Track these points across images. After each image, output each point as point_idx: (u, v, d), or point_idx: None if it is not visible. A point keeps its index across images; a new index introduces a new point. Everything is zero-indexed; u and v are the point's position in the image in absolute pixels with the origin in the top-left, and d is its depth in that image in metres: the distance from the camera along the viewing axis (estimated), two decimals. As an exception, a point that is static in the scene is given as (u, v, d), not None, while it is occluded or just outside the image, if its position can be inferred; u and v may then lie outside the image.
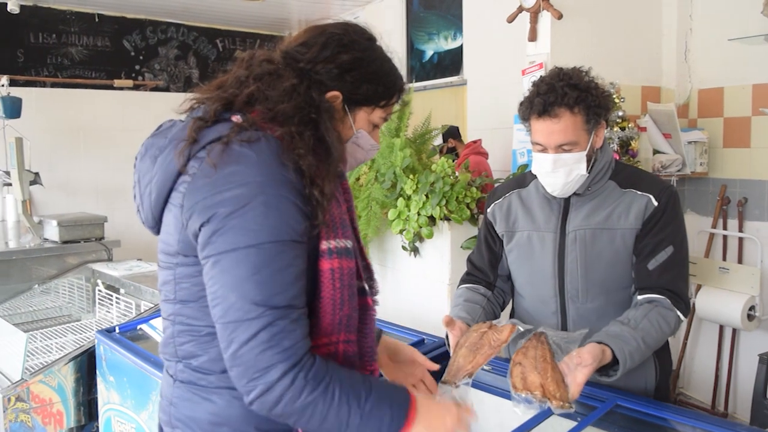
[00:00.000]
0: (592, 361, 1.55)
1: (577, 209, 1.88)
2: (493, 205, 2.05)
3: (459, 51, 5.49)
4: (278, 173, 1.15)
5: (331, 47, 1.26)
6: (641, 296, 1.79)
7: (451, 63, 5.64)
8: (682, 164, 3.60)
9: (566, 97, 1.76)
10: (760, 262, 3.50)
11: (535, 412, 1.50)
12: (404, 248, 3.34)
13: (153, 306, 2.96)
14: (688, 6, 3.84)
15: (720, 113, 3.71)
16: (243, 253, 1.11)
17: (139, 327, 2.57)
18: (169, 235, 1.24)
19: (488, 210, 2.06)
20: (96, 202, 5.77)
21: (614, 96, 3.38)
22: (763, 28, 3.23)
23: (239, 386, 1.14)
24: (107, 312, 3.37)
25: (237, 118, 1.21)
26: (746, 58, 3.51)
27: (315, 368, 1.13)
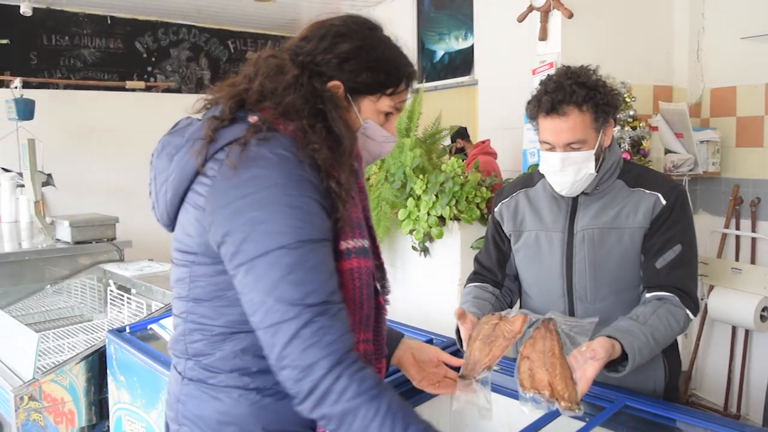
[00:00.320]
0: (605, 355, 1.54)
1: (585, 208, 1.87)
2: (500, 205, 2.04)
3: (470, 51, 5.48)
4: (297, 173, 1.15)
5: (328, 38, 1.27)
6: (649, 294, 1.78)
7: (462, 63, 5.63)
8: (694, 164, 3.57)
9: (575, 95, 1.75)
10: (774, 263, 3.47)
11: (542, 412, 1.49)
12: (414, 248, 3.34)
13: (164, 306, 2.97)
14: (700, 4, 3.81)
15: (732, 112, 3.68)
16: (274, 256, 1.11)
17: (149, 327, 2.58)
18: (186, 234, 1.24)
19: (495, 209, 2.06)
20: (108, 202, 5.79)
21: (625, 95, 3.37)
22: (776, 26, 3.21)
23: (290, 390, 1.13)
24: (119, 312, 3.39)
25: (253, 118, 1.20)
26: (759, 56, 3.48)
27: (362, 372, 1.12)
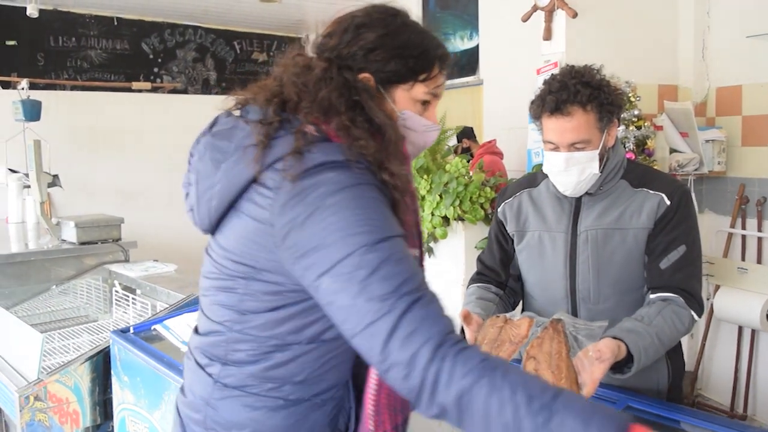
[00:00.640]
0: (611, 356, 1.53)
1: (589, 209, 1.87)
2: (503, 205, 2.04)
3: (475, 51, 5.46)
4: (356, 175, 1.12)
5: (351, 30, 1.23)
6: (654, 295, 1.77)
7: (467, 63, 5.62)
8: (700, 163, 3.55)
9: (579, 94, 1.74)
10: (780, 263, 3.45)
11: None
12: (418, 249, 3.33)
13: (168, 306, 2.98)
14: (705, 3, 3.79)
15: (738, 111, 3.66)
16: (357, 256, 1.06)
17: (153, 327, 2.59)
18: (243, 246, 1.17)
19: (499, 209, 2.05)
20: (115, 203, 5.81)
21: (630, 95, 3.35)
22: (782, 24, 3.19)
23: (403, 392, 1.06)
24: (124, 312, 3.40)
25: (309, 127, 1.16)
26: (765, 55, 3.46)
27: (466, 351, 1.04)
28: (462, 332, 1.78)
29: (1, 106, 5.38)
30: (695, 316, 1.75)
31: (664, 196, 1.80)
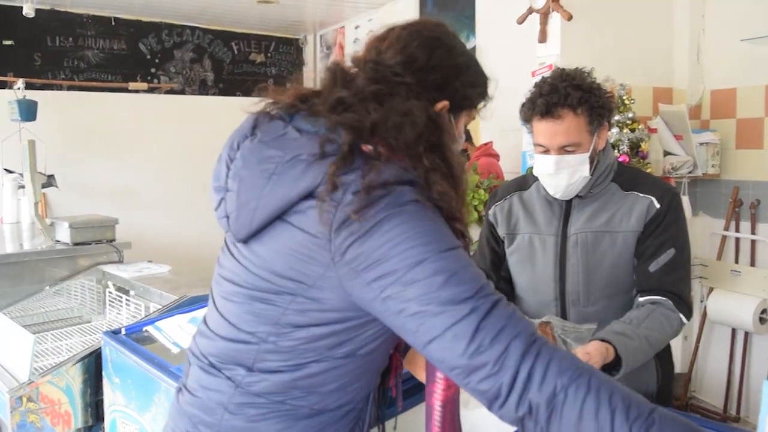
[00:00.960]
0: (599, 359, 1.54)
1: (579, 212, 1.87)
2: (494, 207, 2.04)
3: (472, 52, 5.47)
4: (418, 193, 1.10)
5: (436, 54, 1.19)
6: (643, 298, 1.78)
7: (463, 65, 5.62)
8: (694, 166, 3.56)
9: (569, 97, 1.75)
10: (773, 265, 3.46)
11: None
12: (412, 250, 3.33)
13: (161, 307, 2.97)
14: (700, 6, 3.80)
15: (733, 114, 3.67)
16: (430, 263, 1.04)
17: (144, 329, 2.58)
18: (290, 259, 1.13)
19: (489, 212, 2.06)
20: (111, 203, 5.80)
21: (624, 97, 3.36)
22: (776, 27, 3.20)
23: (489, 394, 1.01)
24: (117, 314, 3.39)
25: (368, 147, 1.12)
26: (759, 58, 3.47)
27: (558, 351, 1.02)
28: None
29: (-3, 107, 5.38)
30: (684, 319, 1.76)
31: (653, 199, 1.81)
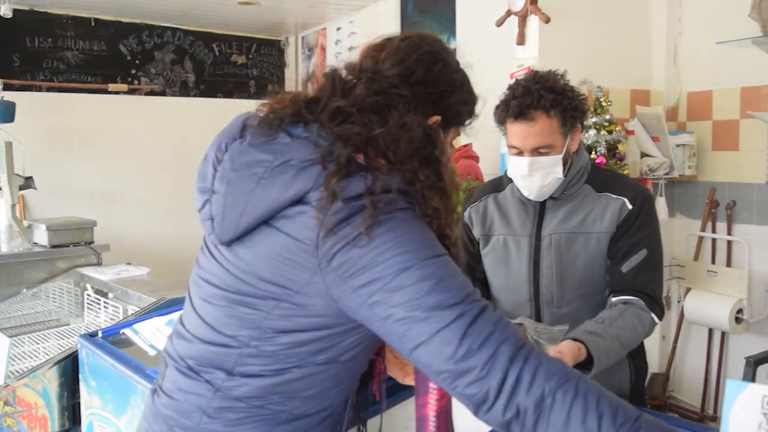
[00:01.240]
0: (571, 358, 1.55)
1: (553, 213, 1.88)
2: (469, 209, 2.05)
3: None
4: (407, 202, 1.11)
5: (434, 69, 1.20)
6: (615, 298, 1.79)
7: (444, 66, 5.64)
8: (670, 167, 3.59)
9: (542, 99, 1.76)
10: (748, 265, 3.49)
11: None
12: (392, 252, 3.33)
13: (139, 310, 2.96)
14: (677, 9, 3.84)
15: (709, 116, 3.71)
16: (418, 269, 1.04)
17: (122, 331, 2.57)
18: (276, 264, 1.12)
19: (465, 213, 2.07)
20: (90, 205, 5.76)
21: (602, 99, 3.38)
22: (751, 31, 3.23)
23: (477, 399, 1.01)
24: (96, 316, 3.37)
25: (360, 156, 1.13)
26: (735, 61, 3.50)
27: (546, 356, 1.02)
28: None
29: (-25, 108, 5.32)
30: (656, 319, 1.77)
31: (626, 200, 1.83)
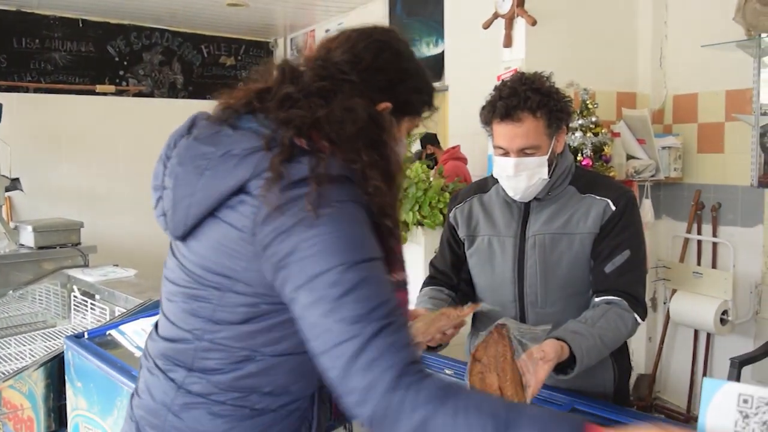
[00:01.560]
0: (554, 356, 1.56)
1: (537, 214, 1.90)
2: (454, 210, 2.06)
3: (441, 57, 5.51)
4: (351, 195, 1.11)
5: (382, 56, 1.21)
6: (598, 298, 1.80)
7: (433, 69, 5.65)
8: (656, 170, 3.61)
9: (529, 101, 1.77)
10: (733, 267, 3.52)
11: None
12: (379, 253, 3.35)
13: (125, 311, 2.95)
14: (663, 12, 3.87)
15: (694, 119, 3.74)
16: (335, 273, 1.05)
17: (108, 333, 2.56)
18: (219, 254, 1.14)
19: (450, 214, 2.07)
20: (77, 207, 5.74)
21: (588, 101, 3.41)
22: (736, 34, 3.26)
23: (353, 412, 1.06)
24: (83, 318, 3.35)
25: (301, 141, 1.13)
26: (720, 64, 3.53)
27: (426, 381, 1.05)
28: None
29: (-39, 109, 5.30)
30: (638, 319, 1.79)
31: (609, 201, 1.84)
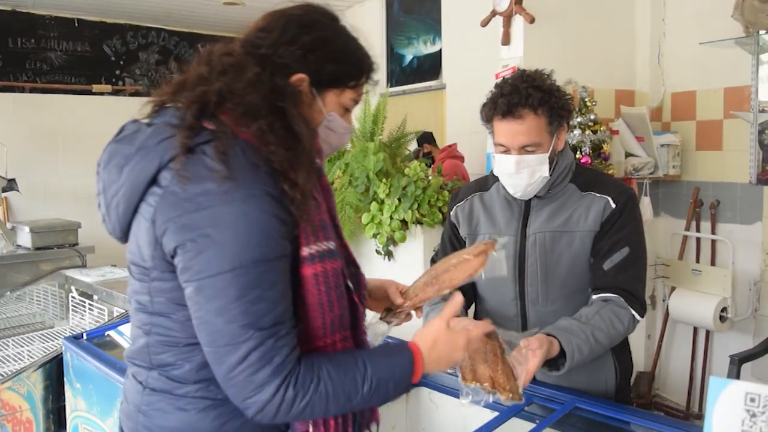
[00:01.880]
0: (539, 346, 1.55)
1: (538, 212, 1.89)
2: (455, 208, 2.05)
3: (438, 55, 5.50)
4: (254, 186, 1.10)
5: (292, 29, 1.22)
6: (596, 295, 1.80)
7: (430, 67, 5.65)
8: (655, 167, 3.61)
9: (530, 98, 1.76)
10: (732, 264, 3.52)
11: (482, 403, 1.50)
12: (378, 252, 3.34)
13: (124, 312, 2.94)
14: (661, 10, 3.86)
15: (693, 116, 3.74)
16: (228, 277, 1.07)
17: (106, 333, 2.56)
18: (140, 247, 1.19)
19: (451, 213, 2.07)
20: (74, 208, 5.73)
21: (587, 99, 3.40)
22: (734, 31, 3.25)
23: (237, 404, 1.14)
24: (81, 319, 3.35)
25: (209, 125, 1.15)
26: (718, 61, 3.53)
27: (301, 375, 1.12)
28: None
29: (-43, 109, 5.29)
30: (637, 316, 1.77)
31: (609, 199, 1.83)
